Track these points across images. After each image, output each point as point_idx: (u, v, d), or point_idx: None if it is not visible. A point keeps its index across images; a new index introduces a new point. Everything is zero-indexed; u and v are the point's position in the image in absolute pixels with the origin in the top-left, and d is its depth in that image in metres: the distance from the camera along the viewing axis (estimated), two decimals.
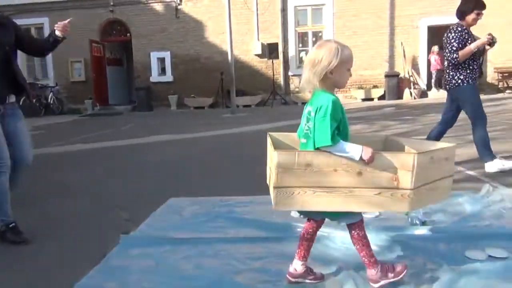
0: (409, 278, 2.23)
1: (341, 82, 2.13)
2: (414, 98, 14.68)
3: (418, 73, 15.33)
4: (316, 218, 2.23)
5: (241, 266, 2.47)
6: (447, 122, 4.88)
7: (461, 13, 4.55)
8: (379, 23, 15.07)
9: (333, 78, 2.08)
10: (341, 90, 15.60)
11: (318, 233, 2.87)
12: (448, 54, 4.50)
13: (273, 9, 15.49)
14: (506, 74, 14.77)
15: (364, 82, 15.43)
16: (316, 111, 2.04)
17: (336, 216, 2.18)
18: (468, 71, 4.56)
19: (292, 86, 15.80)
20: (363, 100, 15.12)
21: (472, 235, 2.70)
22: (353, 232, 2.17)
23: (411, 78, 15.10)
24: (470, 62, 4.57)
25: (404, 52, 15.02)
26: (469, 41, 4.46)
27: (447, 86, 4.68)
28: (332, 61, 2.04)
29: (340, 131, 2.06)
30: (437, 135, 4.84)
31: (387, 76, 14.89)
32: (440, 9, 14.69)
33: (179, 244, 2.77)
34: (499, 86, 14.82)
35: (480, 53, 4.67)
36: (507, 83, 14.79)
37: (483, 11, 4.48)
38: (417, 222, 2.93)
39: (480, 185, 3.78)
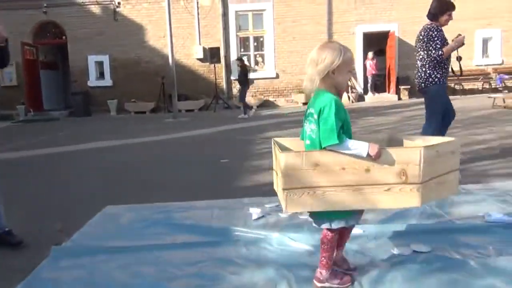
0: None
1: (342, 83, 2.15)
2: (352, 102, 15.23)
3: (355, 78, 15.93)
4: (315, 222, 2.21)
5: (177, 272, 2.46)
6: (445, 117, 4.93)
7: (433, 15, 4.71)
8: (318, 29, 15.51)
9: (335, 79, 2.10)
10: (282, 94, 15.93)
11: (254, 236, 2.94)
12: (433, 52, 4.58)
13: (214, 13, 15.51)
14: None
15: None
16: (320, 112, 2.05)
17: (321, 219, 2.16)
18: (444, 70, 4.75)
19: (234, 90, 15.87)
20: (304, 104, 15.48)
21: (399, 233, 2.85)
22: (329, 233, 2.17)
23: (349, 83, 15.66)
24: (446, 62, 4.75)
25: None
26: (447, 41, 4.69)
27: (423, 84, 4.72)
28: (335, 61, 2.06)
29: (344, 131, 2.06)
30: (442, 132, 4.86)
31: None
32: (374, 17, 15.41)
33: (114, 252, 2.71)
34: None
35: (450, 57, 4.90)
36: None
37: (453, 13, 4.72)
38: None
39: None
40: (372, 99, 15.38)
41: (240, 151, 6.84)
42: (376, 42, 16.26)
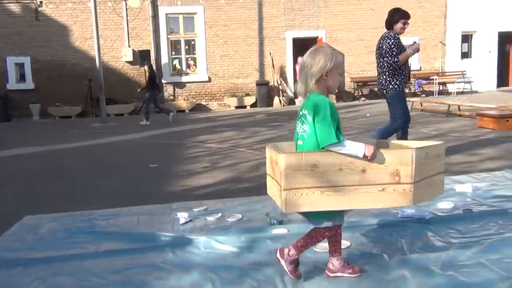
0: (264, 273, 2.39)
1: (333, 86, 2.24)
2: (283, 106, 15.58)
3: (286, 82, 16.31)
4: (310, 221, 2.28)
5: (100, 281, 2.40)
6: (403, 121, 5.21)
7: (389, 23, 4.97)
8: (249, 34, 15.71)
9: (327, 81, 2.20)
10: (215, 98, 15.93)
11: (181, 240, 2.93)
12: (390, 59, 4.81)
13: (143, 15, 15.19)
14: (361, 83, 16.48)
15: (237, 90, 15.94)
16: (314, 114, 2.11)
17: (316, 219, 2.22)
18: (402, 77, 4.98)
19: (166, 94, 15.63)
20: (237, 107, 15.59)
21: None
22: (323, 230, 2.25)
23: (280, 87, 16.01)
24: (403, 68, 4.99)
25: (272, 62, 15.87)
26: (403, 48, 4.91)
27: (384, 91, 4.98)
28: (327, 64, 2.16)
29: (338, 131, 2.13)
30: (402, 135, 5.10)
31: (258, 84, 15.58)
32: (302, 23, 15.90)
33: (31, 265, 2.59)
34: (355, 94, 16.48)
35: (407, 64, 5.15)
36: (361, 91, 16.51)
37: (408, 21, 4.96)
38: (275, 222, 3.14)
39: None
40: (302, 102, 15.79)
41: (170, 156, 6.77)
42: (305, 47, 16.67)
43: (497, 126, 7.64)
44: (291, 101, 16.06)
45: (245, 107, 15.61)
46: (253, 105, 15.65)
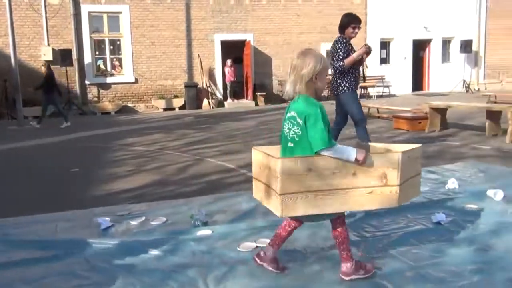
0: (187, 275, 2.39)
1: (321, 88, 2.29)
2: (212, 108, 15.58)
3: (215, 84, 16.33)
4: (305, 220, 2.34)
5: None
6: (340, 123, 5.35)
7: (341, 28, 5.13)
8: (176, 35, 15.54)
9: (316, 83, 2.24)
10: (142, 100, 15.56)
11: (102, 246, 2.86)
12: (336, 62, 4.96)
13: (64, 13, 14.47)
14: None
15: (165, 92, 15.69)
16: (306, 118, 2.14)
17: (321, 217, 2.27)
18: (352, 79, 5.12)
19: (90, 96, 15.01)
20: (165, 109, 15.34)
21: (245, 231, 3.03)
22: (337, 226, 2.28)
23: (209, 89, 16.00)
24: (353, 70, 5.14)
25: (201, 63, 15.82)
26: (352, 52, 5.05)
27: (335, 92, 5.15)
28: (317, 66, 2.20)
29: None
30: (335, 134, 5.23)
31: (186, 86, 15.44)
32: (230, 26, 16.03)
33: None
34: (283, 97, 16.86)
35: (359, 63, 5.29)
36: None
37: (359, 25, 5.11)
38: (199, 223, 3.15)
39: None
40: (231, 105, 15.91)
41: (94, 159, 6.52)
42: (234, 50, 16.90)
43: (410, 127, 8.21)
44: (220, 104, 16.10)
45: (173, 109, 15.41)
46: (182, 107, 15.49)
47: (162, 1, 15.29)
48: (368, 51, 5.13)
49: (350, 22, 5.10)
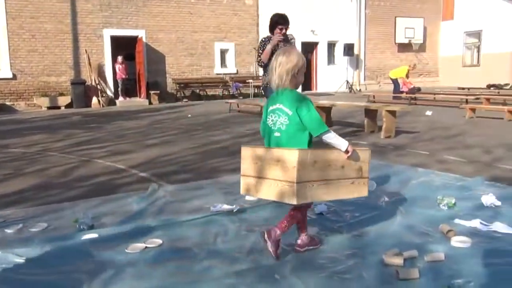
0: (71, 281, 2.27)
1: (300, 82, 2.56)
2: (103, 106, 14.85)
3: (105, 81, 15.58)
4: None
5: None
6: None
7: (269, 28, 5.23)
8: (60, 28, 14.53)
9: (298, 78, 2.53)
10: (22, 98, 14.33)
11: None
12: (257, 59, 5.32)
13: None
14: (182, 85, 16.77)
15: (49, 89, 14.59)
16: (297, 108, 2.42)
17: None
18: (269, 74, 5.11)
19: None
20: (49, 108, 14.26)
21: (132, 232, 2.96)
22: (299, 211, 2.57)
23: (99, 86, 15.22)
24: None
25: (89, 59, 14.98)
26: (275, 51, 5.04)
27: (262, 86, 5.36)
28: (300, 62, 2.50)
29: None
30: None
31: (73, 83, 14.52)
32: (121, 21, 15.42)
33: None
34: (177, 95, 16.69)
35: None
36: (183, 92, 16.81)
37: (286, 26, 5.16)
38: (85, 227, 3.00)
39: (149, 185, 4.17)
40: (123, 103, 15.32)
41: None
42: (125, 47, 16.28)
43: None
44: (111, 102, 15.40)
45: (59, 107, 14.39)
46: (69, 105, 14.53)
47: None
48: (281, 39, 5.17)
49: (277, 23, 5.21)
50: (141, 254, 2.64)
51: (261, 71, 17.95)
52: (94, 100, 14.85)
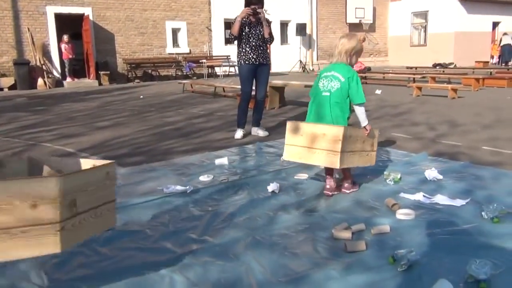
0: (18, 269, 2.22)
1: (354, 62, 3.26)
2: (49, 88, 14.23)
3: (51, 62, 14.91)
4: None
5: None
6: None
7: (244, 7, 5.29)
8: (0, 5, 13.69)
9: (352, 58, 3.25)
10: None
11: None
12: (230, 33, 5.46)
13: None
14: (134, 65, 16.32)
15: None
16: (349, 78, 3.14)
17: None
18: (242, 54, 5.32)
19: None
20: (9, 88, 13.51)
21: None
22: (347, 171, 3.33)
23: (44, 67, 14.54)
24: (243, 45, 5.30)
25: (32, 39, 14.25)
26: (246, 27, 5.29)
27: (238, 64, 5.53)
28: (356, 46, 3.24)
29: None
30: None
31: (16, 64, 13.79)
32: None
33: None
34: (129, 76, 16.25)
35: (256, 37, 5.29)
36: (135, 73, 16.38)
37: (259, 5, 5.27)
38: None
39: None
40: (71, 84, 14.75)
41: None
42: (71, 25, 15.58)
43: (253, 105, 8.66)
44: (59, 83, 14.79)
45: (1, 89, 13.66)
46: (12, 87, 13.83)
47: None
48: (251, 13, 5.24)
49: (251, 2, 5.26)
50: (93, 239, 2.59)
51: (215, 51, 17.85)
52: (40, 81, 14.20)
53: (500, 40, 21.43)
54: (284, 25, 20.08)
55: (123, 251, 2.43)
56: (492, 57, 22.53)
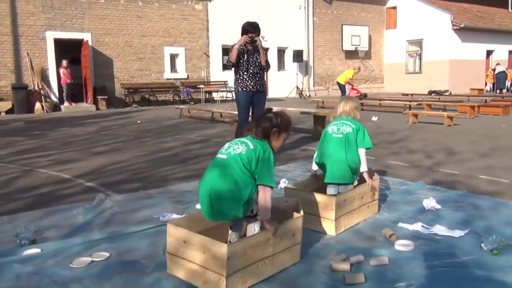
0: None
1: (357, 118, 3.62)
2: (47, 112, 14.25)
3: (49, 86, 14.97)
4: None
5: None
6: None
7: (241, 35, 5.41)
8: (0, 30, 13.82)
9: (357, 115, 3.60)
10: None
11: None
12: (228, 60, 5.52)
13: None
14: (131, 90, 16.40)
15: None
16: (357, 129, 3.43)
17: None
18: (239, 81, 5.43)
19: None
20: (7, 112, 13.49)
21: (79, 246, 2.86)
22: None
23: (42, 91, 14.59)
24: (240, 72, 5.39)
25: (31, 63, 14.35)
26: (244, 55, 5.41)
27: (235, 91, 5.61)
28: (359, 107, 3.70)
29: None
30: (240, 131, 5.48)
31: (14, 88, 13.84)
32: (65, 24, 14.89)
33: None
34: (126, 101, 16.30)
35: (253, 64, 5.35)
36: (132, 98, 16.44)
37: (256, 33, 5.36)
38: (26, 242, 2.86)
39: (96, 195, 4.04)
40: (69, 109, 14.77)
41: None
42: (70, 50, 15.72)
43: None
44: (56, 107, 14.81)
45: None
46: (9, 111, 13.84)
47: None
48: (248, 41, 5.32)
49: (247, 30, 5.37)
50: (87, 269, 2.55)
51: (212, 76, 18.00)
52: (38, 105, 14.22)
53: (494, 69, 21.82)
54: (281, 52, 20.33)
55: (117, 283, 2.38)
56: (486, 84, 22.83)
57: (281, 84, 19.95)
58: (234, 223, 2.52)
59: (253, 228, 2.47)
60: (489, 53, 23.12)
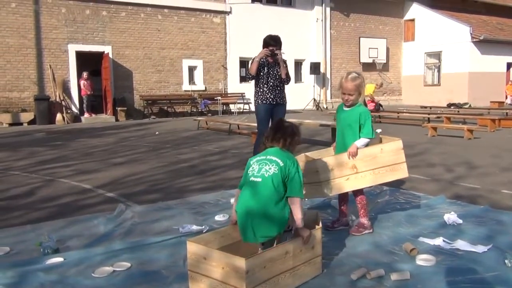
0: None
1: (362, 101, 3.50)
2: (67, 123, 14.51)
3: (70, 97, 15.27)
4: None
5: None
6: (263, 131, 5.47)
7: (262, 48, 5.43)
8: (23, 43, 14.20)
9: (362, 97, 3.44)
10: None
11: None
12: (248, 73, 5.53)
13: None
14: (150, 102, 16.61)
15: (11, 105, 14.18)
16: (360, 116, 3.26)
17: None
18: (259, 94, 5.44)
19: None
20: (11, 125, 13.81)
21: (101, 255, 2.89)
22: (359, 196, 3.38)
23: (63, 103, 14.89)
24: (261, 84, 5.42)
25: (53, 75, 14.67)
26: (265, 68, 5.41)
27: (255, 103, 5.60)
28: (364, 86, 3.46)
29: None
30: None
31: (37, 99, 14.16)
32: (86, 37, 15.21)
33: None
34: (145, 112, 16.51)
35: (273, 77, 5.38)
36: (151, 109, 16.65)
37: (277, 46, 5.39)
38: (49, 251, 2.91)
39: (116, 205, 4.10)
40: (89, 120, 15.03)
41: None
42: (91, 63, 16.04)
43: None
44: (76, 118, 15.08)
45: (21, 124, 13.97)
46: (32, 122, 14.15)
47: (5, 5, 13.88)
48: (269, 54, 5.36)
49: (268, 44, 5.41)
50: (109, 278, 2.59)
51: (230, 88, 18.13)
52: (59, 116, 14.51)
53: None
54: (298, 64, 20.39)
55: None
56: (506, 97, 22.47)
57: (298, 96, 19.96)
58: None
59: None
60: (509, 65, 22.80)
